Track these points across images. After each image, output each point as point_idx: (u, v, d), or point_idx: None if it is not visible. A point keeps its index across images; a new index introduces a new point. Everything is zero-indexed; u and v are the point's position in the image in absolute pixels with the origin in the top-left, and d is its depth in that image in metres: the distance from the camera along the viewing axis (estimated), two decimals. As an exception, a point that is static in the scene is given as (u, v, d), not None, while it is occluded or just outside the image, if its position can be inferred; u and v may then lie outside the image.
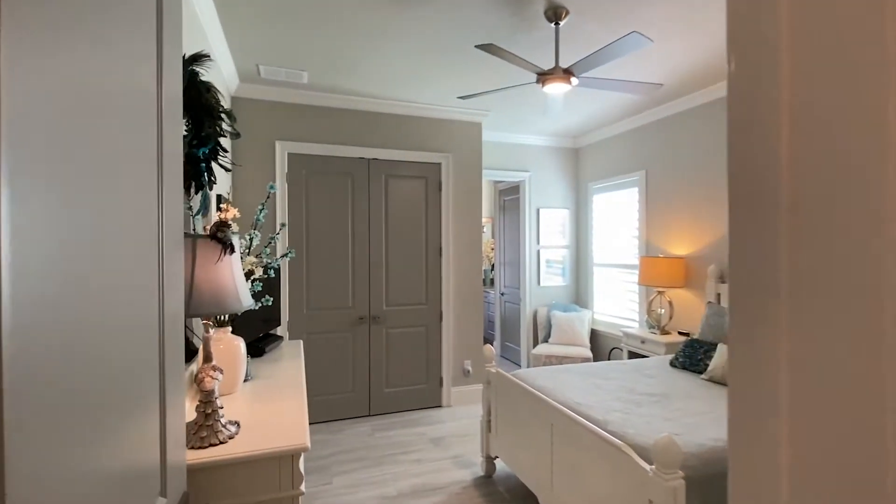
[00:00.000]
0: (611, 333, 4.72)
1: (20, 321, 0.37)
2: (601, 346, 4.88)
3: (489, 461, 2.85)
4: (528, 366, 5.07)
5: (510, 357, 5.56)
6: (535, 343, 5.09)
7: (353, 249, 3.85)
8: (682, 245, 3.89)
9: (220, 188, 2.79)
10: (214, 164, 1.65)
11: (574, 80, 2.40)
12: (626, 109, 4.09)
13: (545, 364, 4.48)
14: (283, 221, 2.75)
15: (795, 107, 0.41)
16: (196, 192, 1.60)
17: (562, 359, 4.43)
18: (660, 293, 3.89)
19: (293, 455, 1.31)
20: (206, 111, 1.56)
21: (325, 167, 3.76)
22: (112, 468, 0.55)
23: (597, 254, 4.97)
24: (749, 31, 0.45)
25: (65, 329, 0.44)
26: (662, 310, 3.86)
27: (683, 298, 3.87)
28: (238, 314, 2.05)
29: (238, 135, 1.72)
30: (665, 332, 3.81)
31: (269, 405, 1.64)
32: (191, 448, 1.28)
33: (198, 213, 1.75)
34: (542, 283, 5.10)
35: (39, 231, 0.40)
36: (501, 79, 3.32)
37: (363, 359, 3.88)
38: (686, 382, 2.64)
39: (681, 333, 3.77)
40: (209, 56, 1.56)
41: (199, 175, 1.56)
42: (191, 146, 1.52)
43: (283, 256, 2.09)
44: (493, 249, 6.11)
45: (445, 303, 4.11)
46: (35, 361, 0.39)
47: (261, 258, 2.09)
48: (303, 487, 1.34)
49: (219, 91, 1.62)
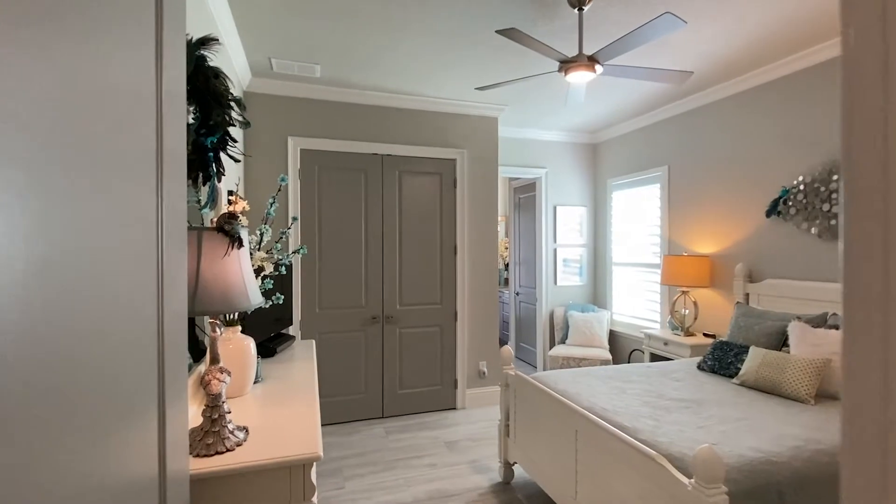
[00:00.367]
0: (631, 335, 4.57)
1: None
2: (621, 348, 4.73)
3: (507, 467, 2.74)
4: (544, 367, 4.94)
5: (525, 358, 5.43)
6: (552, 344, 4.96)
7: (367, 247, 3.76)
8: (707, 243, 3.73)
9: (230, 184, 2.72)
10: (223, 155, 1.57)
11: (599, 68, 2.28)
12: (648, 102, 3.95)
13: (562, 366, 4.35)
14: (295, 215, 2.67)
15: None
16: (204, 184, 1.52)
17: (580, 361, 4.29)
18: (684, 293, 3.74)
19: (304, 465, 1.22)
20: (215, 98, 1.47)
21: (338, 163, 3.68)
22: (100, 481, 0.48)
23: (615, 252, 4.82)
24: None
25: (43, 331, 0.39)
26: (686, 310, 3.71)
27: (709, 298, 3.71)
28: (248, 312, 1.97)
29: (248, 124, 1.63)
30: (689, 334, 3.66)
31: (280, 409, 1.55)
32: (196, 456, 1.19)
33: (205, 206, 1.67)
34: (559, 283, 4.96)
35: (17, 236, 0.35)
36: (520, 71, 3.21)
37: (376, 359, 3.79)
38: (716, 387, 2.50)
39: (706, 335, 3.61)
40: (217, 39, 1.47)
41: (207, 165, 1.48)
42: (198, 134, 1.44)
43: (295, 253, 2.01)
44: (507, 248, 5.98)
45: (460, 302, 4.00)
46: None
47: (272, 254, 2.00)
48: (315, 499, 1.25)
49: (228, 77, 1.54)
